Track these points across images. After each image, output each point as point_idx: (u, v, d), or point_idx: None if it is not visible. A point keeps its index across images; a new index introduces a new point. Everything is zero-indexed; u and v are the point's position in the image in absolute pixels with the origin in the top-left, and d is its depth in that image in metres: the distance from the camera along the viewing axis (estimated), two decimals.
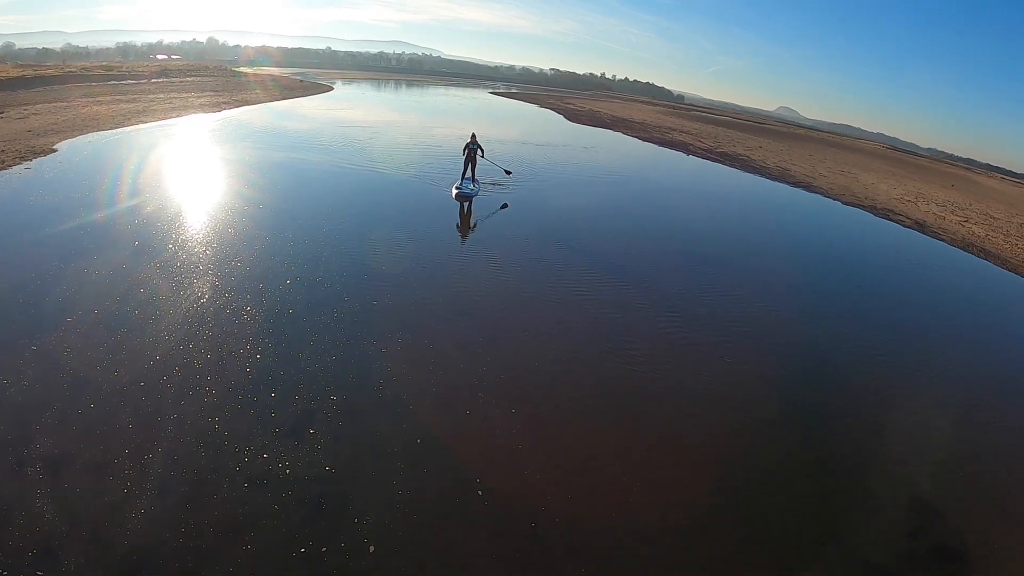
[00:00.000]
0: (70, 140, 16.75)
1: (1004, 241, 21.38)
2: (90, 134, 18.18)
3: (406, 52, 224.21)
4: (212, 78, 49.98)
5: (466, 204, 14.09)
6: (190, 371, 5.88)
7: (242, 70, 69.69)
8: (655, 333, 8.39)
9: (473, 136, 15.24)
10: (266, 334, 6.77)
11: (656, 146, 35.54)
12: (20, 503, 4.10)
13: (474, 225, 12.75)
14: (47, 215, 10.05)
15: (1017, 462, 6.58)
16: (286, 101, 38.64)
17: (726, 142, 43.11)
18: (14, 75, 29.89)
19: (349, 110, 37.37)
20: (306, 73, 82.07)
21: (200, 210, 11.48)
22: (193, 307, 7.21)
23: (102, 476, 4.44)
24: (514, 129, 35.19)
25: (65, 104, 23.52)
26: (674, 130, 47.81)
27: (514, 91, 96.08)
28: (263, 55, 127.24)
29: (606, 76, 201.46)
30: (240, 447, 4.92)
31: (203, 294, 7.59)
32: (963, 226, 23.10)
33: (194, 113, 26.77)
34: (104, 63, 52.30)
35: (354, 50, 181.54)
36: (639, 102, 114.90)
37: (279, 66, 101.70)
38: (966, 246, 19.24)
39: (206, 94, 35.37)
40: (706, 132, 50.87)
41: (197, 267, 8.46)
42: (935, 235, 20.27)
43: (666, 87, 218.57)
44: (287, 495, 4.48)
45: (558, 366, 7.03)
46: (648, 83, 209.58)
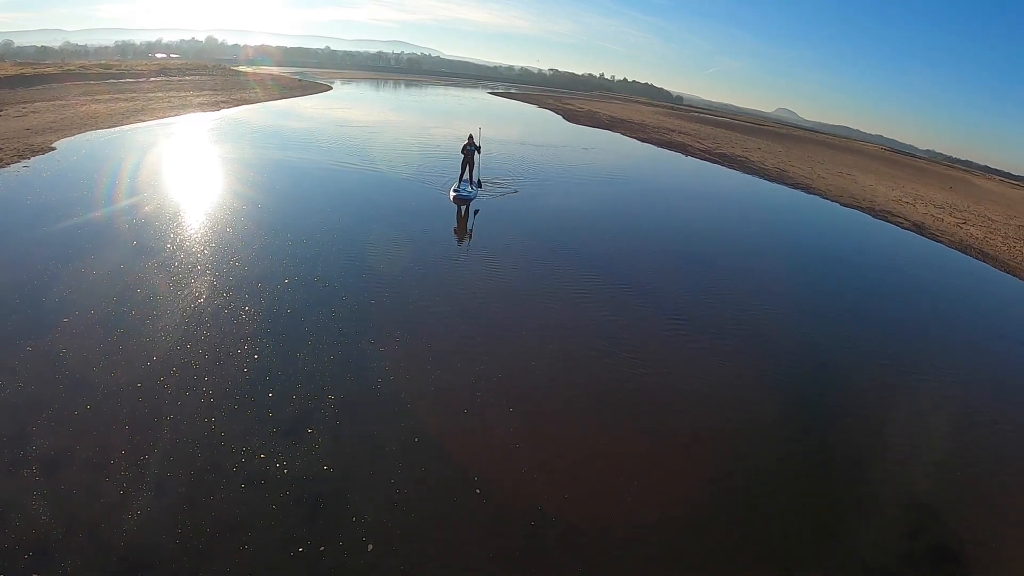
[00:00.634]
0: (68, 138, 16.72)
1: (1002, 243, 21.44)
2: (88, 132, 18.15)
3: (405, 52, 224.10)
4: (211, 77, 49.90)
5: (464, 207, 13.92)
6: (188, 371, 5.87)
7: (241, 69, 69.57)
8: (653, 333, 8.40)
9: (471, 137, 14.98)
10: (264, 334, 6.77)
11: (655, 147, 35.56)
12: (18, 504, 4.10)
13: (472, 227, 12.73)
14: (45, 214, 10.03)
15: (1015, 463, 6.59)
16: (285, 100, 38.62)
17: (725, 143, 43.18)
18: (13, 73, 29.83)
19: (348, 110, 37.35)
20: (305, 72, 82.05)
21: (198, 209, 11.46)
22: (191, 307, 7.20)
23: (100, 476, 4.43)
24: (513, 129, 35.19)
25: (64, 102, 23.48)
26: (673, 131, 47.87)
27: (513, 91, 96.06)
28: (262, 54, 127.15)
29: (605, 77, 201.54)
30: (238, 447, 4.91)
31: (201, 294, 7.58)
32: (961, 228, 23.16)
33: (193, 112, 26.74)
34: (103, 61, 52.20)
35: (353, 50, 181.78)
36: (638, 103, 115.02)
37: (278, 65, 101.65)
38: (964, 248, 19.28)
39: (205, 93, 35.32)
40: (705, 133, 50.95)
41: (195, 266, 8.45)
42: (933, 237, 20.32)
43: (665, 88, 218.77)
44: (285, 494, 4.48)
45: (556, 365, 7.04)
46: (647, 84, 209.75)
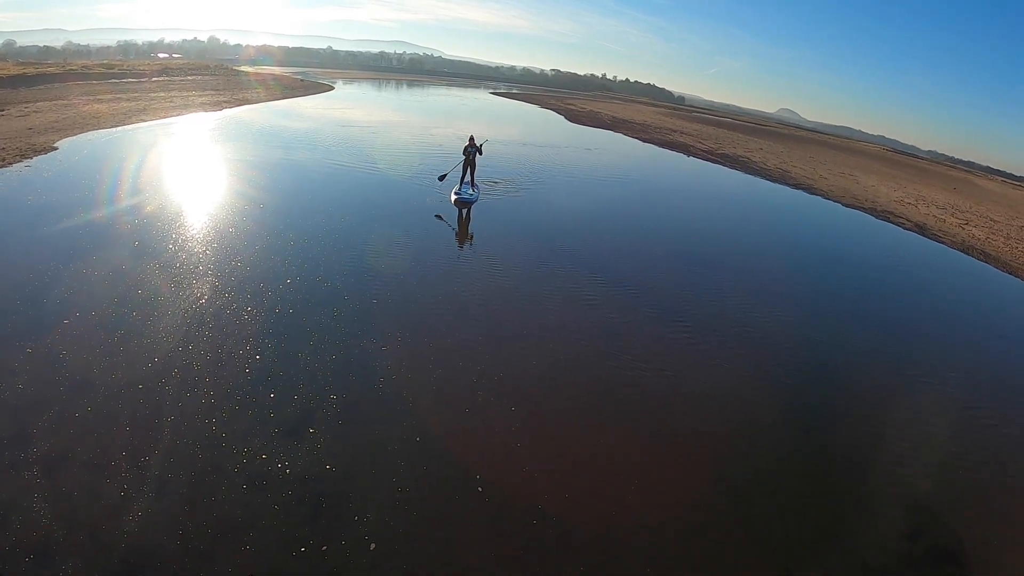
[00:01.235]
0: (71, 138, 16.76)
1: (1004, 244, 21.39)
2: (91, 132, 18.19)
3: (407, 52, 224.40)
4: (213, 77, 49.95)
5: (465, 210, 13.78)
6: (190, 372, 5.88)
7: (243, 69, 69.66)
8: (655, 333, 8.39)
9: (471, 139, 14.86)
10: (266, 334, 6.78)
11: (657, 147, 35.53)
12: (19, 505, 4.10)
13: (473, 229, 12.73)
14: (47, 213, 10.05)
15: (1017, 465, 6.57)
16: (287, 100, 38.66)
17: (726, 143, 43.13)
18: (15, 72, 29.88)
19: (350, 110, 37.38)
20: (307, 72, 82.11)
21: (200, 209, 11.48)
22: (193, 307, 7.22)
23: (101, 477, 4.44)
24: (515, 130, 35.20)
25: (66, 102, 23.52)
26: (674, 131, 47.83)
27: (514, 92, 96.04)
28: (264, 54, 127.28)
29: (606, 77, 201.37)
30: (240, 447, 4.92)
31: (203, 294, 7.59)
32: (963, 229, 23.11)
33: (195, 112, 26.79)
34: (105, 61, 52.22)
35: (355, 50, 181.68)
36: (639, 103, 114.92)
37: (280, 65, 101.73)
38: (966, 249, 19.24)
39: (207, 93, 35.37)
40: (706, 133, 50.90)
41: (197, 267, 8.46)
42: (935, 238, 20.28)
43: (666, 88, 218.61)
44: (287, 494, 4.49)
45: (558, 365, 7.03)
46: (648, 84, 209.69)
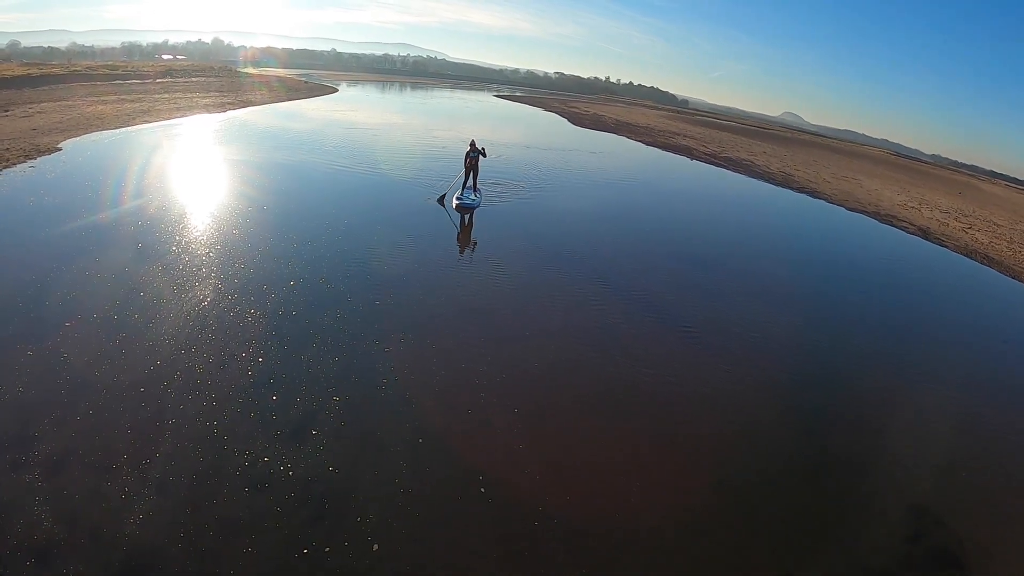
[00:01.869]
0: (74, 139, 16.83)
1: (1007, 248, 21.33)
2: (94, 133, 18.27)
3: (411, 54, 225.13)
4: (217, 78, 50.15)
5: (467, 216, 13.64)
6: (192, 374, 5.89)
7: (247, 71, 69.92)
8: (657, 337, 8.38)
9: (473, 143, 14.68)
10: (269, 336, 6.79)
11: (660, 151, 35.54)
12: (22, 506, 4.11)
13: (476, 232, 12.72)
14: (50, 214, 10.08)
15: (1018, 467, 6.54)
16: (291, 102, 38.75)
17: (730, 147, 43.13)
18: (20, 73, 30.07)
19: (353, 112, 37.44)
20: (311, 74, 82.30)
21: (204, 211, 11.50)
22: (196, 309, 7.23)
23: (104, 479, 4.44)
24: (519, 133, 35.26)
25: (70, 103, 23.63)
26: (678, 135, 47.84)
27: (518, 94, 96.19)
28: (268, 56, 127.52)
29: (610, 80, 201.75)
30: (243, 448, 4.92)
31: (206, 296, 7.61)
32: (967, 233, 23.05)
33: (198, 113, 26.87)
34: (109, 62, 52.52)
35: (359, 52, 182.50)
36: (643, 106, 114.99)
37: (284, 67, 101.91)
38: (969, 253, 19.19)
39: (211, 94, 35.50)
40: (710, 137, 50.91)
41: (200, 269, 8.48)
42: (939, 242, 20.24)
43: (670, 91, 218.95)
44: (290, 496, 4.49)
45: (560, 367, 7.03)
46: (652, 87, 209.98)
